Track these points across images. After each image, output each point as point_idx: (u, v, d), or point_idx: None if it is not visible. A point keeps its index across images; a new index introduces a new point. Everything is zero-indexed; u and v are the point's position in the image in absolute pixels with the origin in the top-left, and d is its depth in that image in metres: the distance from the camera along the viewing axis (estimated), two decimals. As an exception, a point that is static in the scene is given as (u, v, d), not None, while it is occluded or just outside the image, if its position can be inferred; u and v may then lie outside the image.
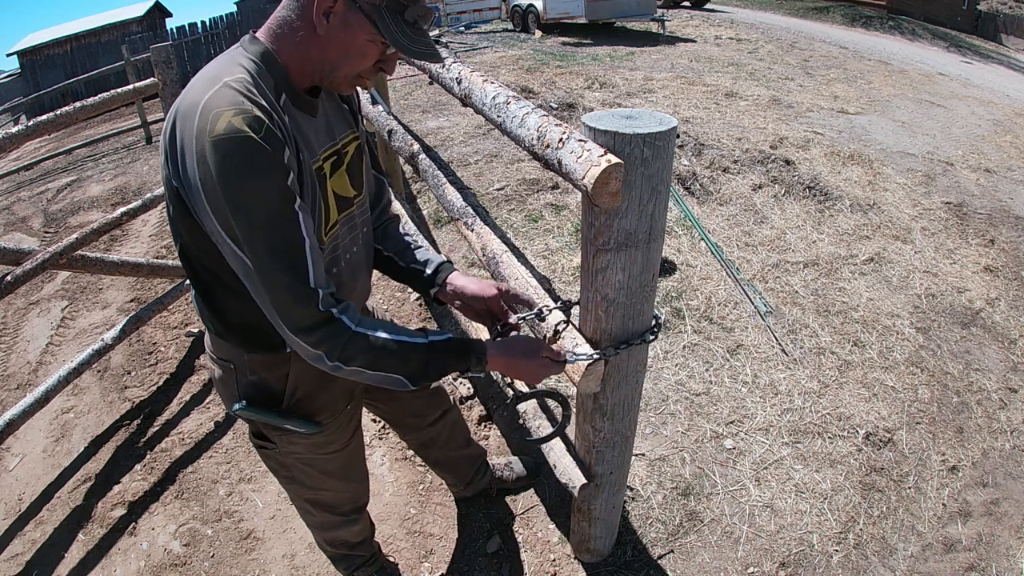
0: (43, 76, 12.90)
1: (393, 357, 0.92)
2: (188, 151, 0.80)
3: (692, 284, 2.92)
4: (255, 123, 0.79)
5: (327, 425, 1.13)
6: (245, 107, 0.79)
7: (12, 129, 1.97)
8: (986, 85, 8.81)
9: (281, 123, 0.84)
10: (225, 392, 1.10)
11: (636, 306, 1.07)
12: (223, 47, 12.70)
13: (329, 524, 1.39)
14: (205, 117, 0.78)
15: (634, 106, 5.61)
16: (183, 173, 0.82)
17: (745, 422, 2.18)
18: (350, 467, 1.30)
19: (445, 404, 1.57)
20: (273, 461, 1.20)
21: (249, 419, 1.10)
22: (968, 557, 1.79)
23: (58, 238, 3.78)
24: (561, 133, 0.93)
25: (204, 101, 0.80)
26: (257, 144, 0.79)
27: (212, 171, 0.78)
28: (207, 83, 0.83)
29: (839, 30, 14.12)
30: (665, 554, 1.75)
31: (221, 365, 1.07)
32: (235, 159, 0.78)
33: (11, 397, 2.64)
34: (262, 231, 0.82)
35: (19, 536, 1.99)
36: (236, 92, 0.81)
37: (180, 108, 0.83)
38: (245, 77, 0.83)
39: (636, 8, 10.66)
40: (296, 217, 0.84)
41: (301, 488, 1.26)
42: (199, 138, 0.78)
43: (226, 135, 0.77)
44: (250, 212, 0.81)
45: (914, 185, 4.26)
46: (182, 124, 0.81)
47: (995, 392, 2.44)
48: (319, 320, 0.87)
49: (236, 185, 0.79)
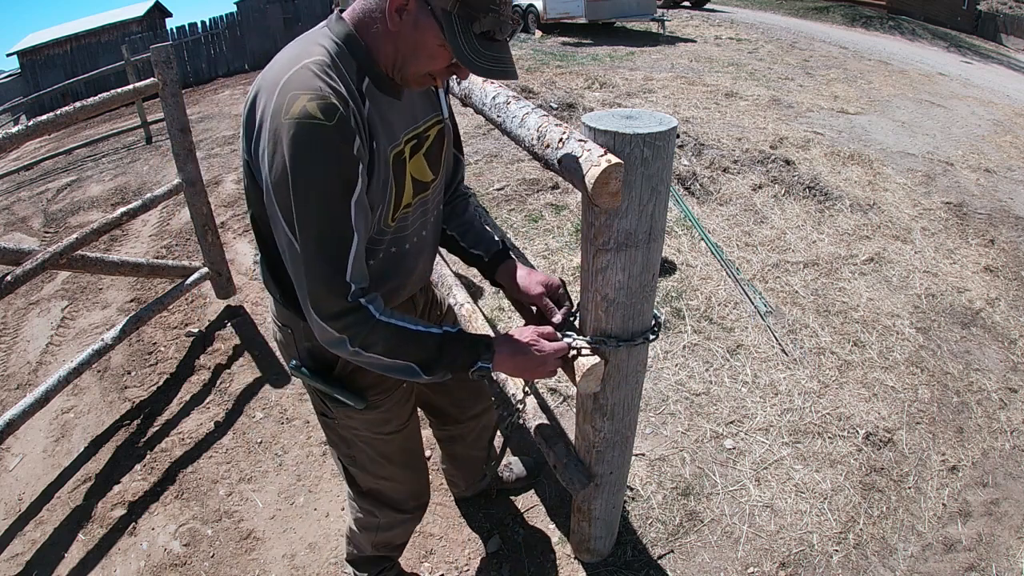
0: (43, 76, 12.87)
1: (410, 344, 0.95)
2: (264, 127, 0.83)
3: (692, 284, 2.92)
4: (329, 110, 0.80)
5: (379, 403, 1.14)
6: (323, 93, 0.80)
7: (12, 129, 1.97)
8: (986, 85, 8.81)
9: (357, 111, 0.85)
10: (285, 353, 1.15)
11: (636, 306, 1.07)
12: (223, 47, 12.70)
13: (391, 524, 1.37)
14: (283, 97, 0.81)
15: (634, 106, 5.61)
16: (255, 147, 0.86)
17: (745, 422, 2.18)
18: (409, 452, 1.30)
19: (486, 401, 1.58)
20: (333, 433, 1.21)
21: (303, 380, 1.13)
22: (968, 557, 1.79)
23: (58, 238, 3.78)
24: (561, 133, 0.93)
25: (284, 80, 0.82)
26: (328, 132, 0.80)
27: (282, 151, 0.81)
28: (289, 62, 0.85)
29: (839, 30, 14.12)
30: (665, 554, 1.75)
31: (282, 330, 1.12)
32: (305, 144, 0.80)
33: (11, 397, 2.64)
34: (315, 218, 0.84)
35: (19, 536, 1.99)
36: (315, 76, 0.82)
37: (263, 84, 0.86)
38: (325, 60, 0.85)
39: (636, 8, 10.65)
40: (350, 211, 0.85)
41: (363, 474, 1.26)
42: (275, 117, 0.81)
43: (300, 119, 0.79)
44: (308, 197, 0.83)
45: (914, 185, 4.26)
46: (263, 100, 0.84)
47: (995, 392, 2.44)
48: (347, 308, 0.89)
49: (301, 169, 0.81)
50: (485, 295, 2.80)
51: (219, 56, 12.72)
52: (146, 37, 11.90)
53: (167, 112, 2.61)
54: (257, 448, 2.23)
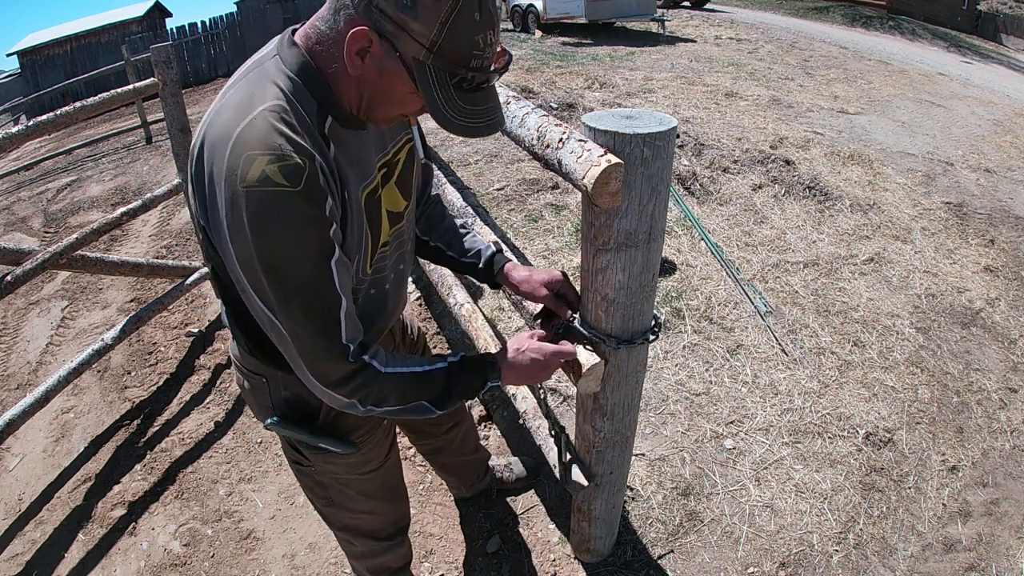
0: (43, 76, 12.87)
1: (420, 387, 0.89)
2: (218, 193, 0.70)
3: (692, 284, 2.92)
4: (293, 173, 0.69)
5: (363, 444, 1.07)
6: (283, 152, 0.69)
7: (12, 129, 1.97)
8: (986, 85, 8.81)
9: (324, 162, 0.74)
10: (256, 404, 1.04)
11: (636, 306, 1.07)
12: (223, 47, 12.69)
13: (372, 552, 1.32)
14: (237, 157, 0.68)
15: (634, 106, 5.61)
16: (211, 213, 0.73)
17: (745, 422, 2.18)
18: (390, 486, 1.23)
19: (461, 415, 1.58)
20: (309, 479, 1.13)
21: (282, 434, 1.04)
22: (968, 557, 1.79)
23: (58, 238, 3.78)
24: (561, 133, 0.93)
25: (236, 135, 0.69)
26: (295, 199, 0.69)
27: (244, 224, 0.69)
28: (240, 110, 0.72)
29: (839, 30, 14.11)
30: (665, 554, 1.75)
31: (252, 379, 1.01)
32: (269, 216, 0.69)
33: (11, 397, 2.64)
34: (297, 294, 0.75)
35: (19, 536, 1.99)
36: (272, 129, 0.70)
37: (209, 136, 0.72)
38: (282, 104, 0.72)
39: (636, 8, 10.65)
40: (332, 276, 0.76)
41: (340, 512, 1.18)
42: (229, 181, 0.69)
43: (260, 187, 0.68)
44: (285, 275, 0.73)
45: (914, 185, 4.26)
46: (211, 156, 0.71)
47: (995, 392, 2.44)
48: (351, 371, 0.82)
49: (269, 247, 0.71)
50: (485, 295, 2.80)
51: (219, 56, 12.72)
52: (146, 37, 11.90)
53: (167, 112, 2.61)
54: (257, 448, 2.23)
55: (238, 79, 0.78)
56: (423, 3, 0.66)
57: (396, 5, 0.66)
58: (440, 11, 0.66)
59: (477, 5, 0.68)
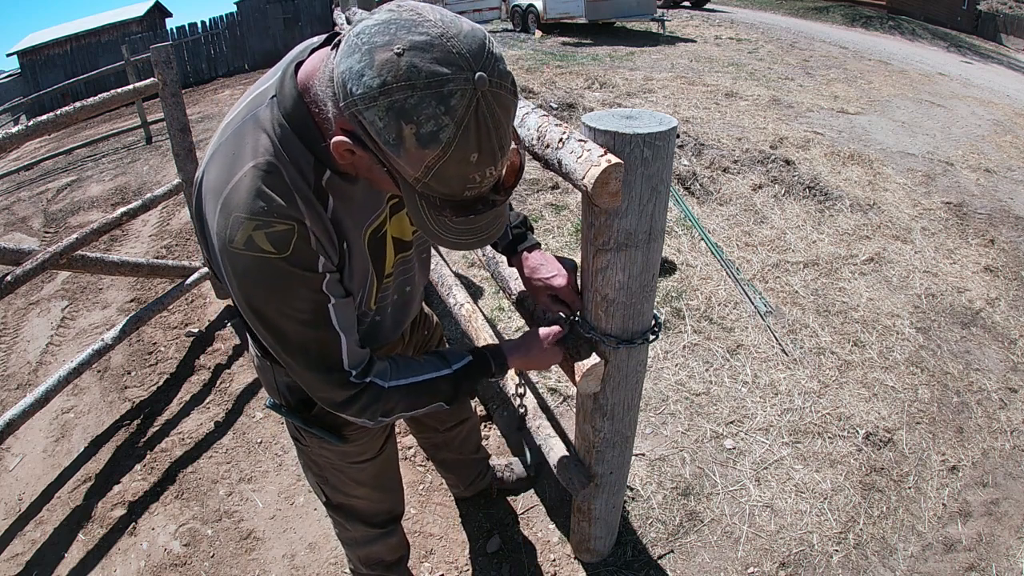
0: (43, 76, 12.88)
1: (427, 394, 0.93)
2: (213, 246, 0.72)
3: (692, 284, 2.92)
4: (280, 240, 0.69)
5: (354, 439, 1.10)
6: (268, 219, 0.68)
7: (12, 129, 1.97)
8: (986, 85, 8.80)
9: (317, 220, 0.72)
10: (265, 382, 1.10)
11: (636, 306, 1.07)
12: (223, 47, 12.70)
13: (364, 539, 1.34)
14: (226, 217, 0.69)
15: (634, 106, 5.61)
16: (210, 246, 0.75)
17: (745, 422, 2.18)
18: (382, 476, 1.27)
19: (466, 412, 1.59)
20: (305, 457, 1.19)
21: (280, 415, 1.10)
22: (968, 557, 1.79)
23: (58, 238, 3.78)
24: (561, 133, 0.93)
25: (225, 195, 0.69)
26: (283, 265, 0.70)
27: (235, 284, 0.72)
28: (230, 165, 0.70)
29: (839, 30, 14.11)
30: (665, 554, 1.75)
31: (260, 361, 1.06)
32: (258, 281, 0.71)
33: (11, 397, 2.64)
34: (293, 342, 0.78)
35: (19, 536, 1.99)
36: (257, 193, 0.68)
37: (206, 184, 0.73)
38: (271, 161, 0.70)
39: (636, 8, 10.65)
40: (329, 320, 0.77)
41: (332, 491, 1.23)
42: (221, 240, 0.70)
43: (247, 251, 0.68)
44: (278, 328, 0.76)
45: (914, 185, 4.26)
46: (207, 206, 0.72)
47: (995, 392, 2.44)
48: (354, 393, 0.85)
49: (261, 304, 0.73)
50: (485, 295, 2.80)
51: (219, 56, 12.73)
52: (146, 37, 11.90)
53: (167, 112, 2.61)
54: (257, 448, 2.23)
55: (235, 118, 0.76)
56: (407, 148, 0.59)
57: (381, 139, 0.60)
58: (425, 159, 0.60)
59: (475, 145, 0.60)
